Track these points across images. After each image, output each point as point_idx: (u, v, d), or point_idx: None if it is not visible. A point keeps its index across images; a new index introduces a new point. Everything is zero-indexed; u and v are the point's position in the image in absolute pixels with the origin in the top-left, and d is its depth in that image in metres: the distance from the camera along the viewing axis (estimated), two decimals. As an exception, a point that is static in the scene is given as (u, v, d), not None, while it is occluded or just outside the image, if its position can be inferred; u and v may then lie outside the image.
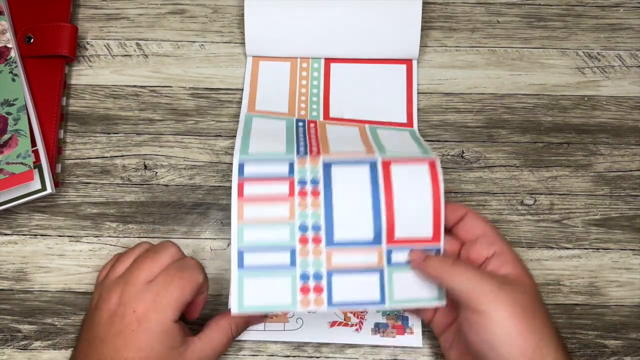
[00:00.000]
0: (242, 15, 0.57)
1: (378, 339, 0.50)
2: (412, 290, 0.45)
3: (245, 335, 0.50)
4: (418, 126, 0.55)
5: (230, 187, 0.54)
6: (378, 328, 0.50)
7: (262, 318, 0.50)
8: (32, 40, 0.56)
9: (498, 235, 0.45)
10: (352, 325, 0.50)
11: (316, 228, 0.45)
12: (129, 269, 0.45)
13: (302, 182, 0.46)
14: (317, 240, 0.45)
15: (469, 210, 0.46)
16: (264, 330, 0.50)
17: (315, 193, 0.45)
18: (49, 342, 0.50)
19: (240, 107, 0.56)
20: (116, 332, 0.42)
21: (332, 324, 0.50)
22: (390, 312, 0.51)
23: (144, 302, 0.42)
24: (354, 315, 0.51)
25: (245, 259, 0.44)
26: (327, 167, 0.46)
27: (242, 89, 0.57)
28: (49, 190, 0.52)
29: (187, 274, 0.44)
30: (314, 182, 0.46)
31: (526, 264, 0.44)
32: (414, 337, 0.50)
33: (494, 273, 0.43)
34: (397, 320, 0.50)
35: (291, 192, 0.46)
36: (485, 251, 0.44)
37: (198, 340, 0.45)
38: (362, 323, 0.50)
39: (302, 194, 0.46)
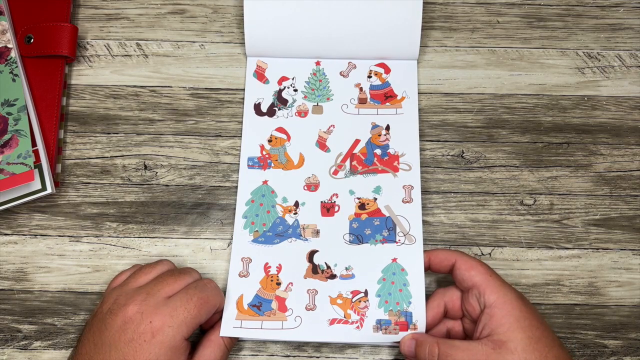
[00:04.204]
0: (242, 15, 0.57)
1: (380, 337, 0.48)
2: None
3: (246, 336, 0.50)
4: (419, 126, 0.55)
5: (230, 187, 0.54)
6: (380, 325, 0.49)
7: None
8: (32, 40, 0.56)
9: (487, 286, 0.45)
10: (352, 323, 0.49)
11: None
12: (152, 281, 0.46)
13: None
14: None
15: (458, 257, 0.47)
16: (261, 328, 0.49)
17: None
18: (49, 342, 0.50)
19: (240, 107, 0.56)
20: (127, 340, 0.42)
21: (332, 321, 0.49)
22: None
23: (162, 315, 0.43)
24: (355, 312, 0.49)
25: None
26: None
27: (242, 89, 0.57)
28: (49, 190, 0.52)
29: (205, 295, 0.45)
30: None
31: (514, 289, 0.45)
32: None
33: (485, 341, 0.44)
34: (401, 316, 0.49)
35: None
36: (477, 306, 0.46)
37: None
38: (363, 320, 0.49)
39: None
